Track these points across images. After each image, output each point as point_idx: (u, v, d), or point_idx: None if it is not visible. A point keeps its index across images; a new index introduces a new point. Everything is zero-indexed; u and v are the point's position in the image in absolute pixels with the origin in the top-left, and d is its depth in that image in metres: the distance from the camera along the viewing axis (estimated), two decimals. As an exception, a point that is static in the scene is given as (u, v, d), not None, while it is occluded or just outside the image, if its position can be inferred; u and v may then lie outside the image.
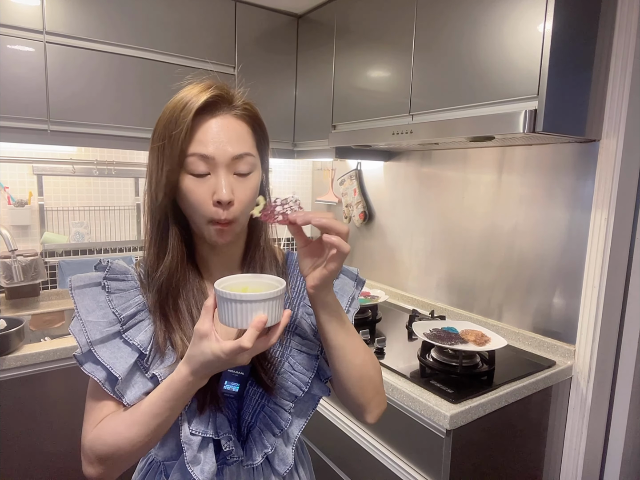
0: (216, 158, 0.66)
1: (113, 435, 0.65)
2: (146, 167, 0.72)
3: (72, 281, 0.69)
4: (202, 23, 1.90)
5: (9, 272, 1.80)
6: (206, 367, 0.61)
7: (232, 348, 0.58)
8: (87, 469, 0.68)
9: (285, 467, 0.75)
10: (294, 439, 0.76)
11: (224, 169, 0.67)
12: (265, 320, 0.59)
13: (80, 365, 0.67)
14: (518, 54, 1.23)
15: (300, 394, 0.73)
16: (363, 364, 0.72)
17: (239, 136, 0.69)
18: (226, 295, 0.59)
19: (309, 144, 2.17)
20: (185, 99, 0.67)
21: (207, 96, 0.66)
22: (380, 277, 2.28)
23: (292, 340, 0.76)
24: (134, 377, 0.67)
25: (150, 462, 0.79)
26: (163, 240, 0.72)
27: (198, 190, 0.67)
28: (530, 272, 1.61)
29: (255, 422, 0.72)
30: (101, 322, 0.67)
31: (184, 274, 0.73)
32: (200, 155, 0.66)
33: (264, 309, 0.60)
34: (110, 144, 1.79)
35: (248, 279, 0.67)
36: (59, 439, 1.56)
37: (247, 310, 0.59)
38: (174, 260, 0.71)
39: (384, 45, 1.70)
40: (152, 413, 0.63)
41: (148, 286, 0.72)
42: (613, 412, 1.52)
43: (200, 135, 0.67)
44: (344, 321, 0.71)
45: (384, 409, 0.77)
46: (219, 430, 0.68)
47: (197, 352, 0.60)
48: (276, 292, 0.61)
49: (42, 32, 1.58)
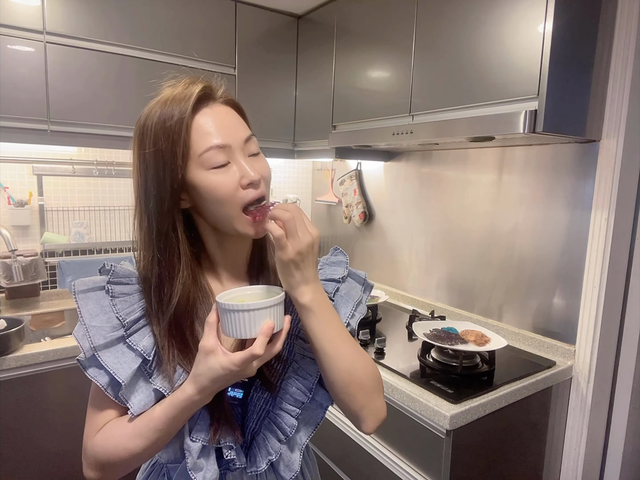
0: (232, 145, 0.66)
1: (114, 444, 0.65)
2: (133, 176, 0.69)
3: (76, 285, 0.68)
4: (202, 23, 1.90)
5: (9, 272, 1.80)
6: (215, 383, 0.61)
7: (243, 358, 0.58)
8: (87, 472, 0.68)
9: (291, 473, 0.72)
10: (301, 445, 0.73)
11: (241, 153, 0.67)
12: (273, 326, 0.60)
13: (84, 370, 0.66)
14: (518, 55, 1.23)
15: (306, 399, 0.71)
16: (350, 370, 0.67)
17: (238, 120, 0.70)
18: (231, 307, 0.59)
19: (309, 144, 2.17)
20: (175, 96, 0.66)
21: (199, 88, 0.66)
22: (380, 277, 2.28)
23: (294, 344, 0.74)
24: (137, 382, 0.66)
25: (153, 464, 0.79)
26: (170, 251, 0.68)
27: (224, 181, 0.65)
28: (530, 272, 1.61)
29: (260, 428, 0.71)
30: (105, 327, 0.66)
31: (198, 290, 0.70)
32: (217, 146, 0.65)
33: (269, 315, 0.60)
34: (110, 144, 1.80)
35: (242, 292, 0.67)
36: (59, 439, 1.56)
37: (254, 319, 0.60)
38: (188, 278, 0.68)
39: (384, 46, 1.70)
40: (155, 428, 0.63)
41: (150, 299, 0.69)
42: (613, 412, 1.52)
43: (206, 127, 0.66)
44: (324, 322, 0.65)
45: (382, 418, 0.71)
46: (221, 439, 0.67)
47: (204, 370, 0.60)
48: (278, 298, 0.61)
49: (42, 32, 1.58)
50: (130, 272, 0.72)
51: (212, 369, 0.59)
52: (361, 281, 0.82)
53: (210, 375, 0.60)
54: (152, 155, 0.66)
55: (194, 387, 0.61)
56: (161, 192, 0.66)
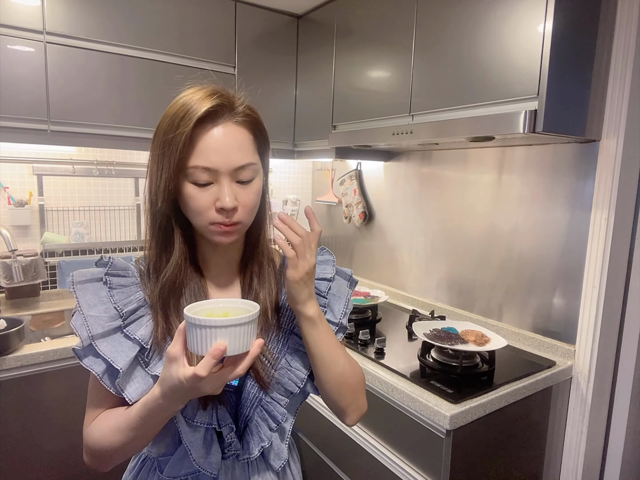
0: (219, 169, 0.67)
1: (100, 436, 0.68)
2: (147, 170, 0.72)
3: (74, 276, 0.70)
4: (202, 23, 1.90)
5: (9, 272, 1.80)
6: (175, 392, 0.59)
7: (189, 375, 0.56)
8: (85, 457, 0.72)
9: (280, 461, 0.77)
10: (287, 433, 0.78)
11: (227, 178, 0.68)
12: (223, 349, 0.55)
13: (80, 360, 0.67)
14: (518, 54, 1.23)
15: (296, 390, 0.75)
16: (342, 373, 0.75)
17: (241, 145, 0.69)
18: (189, 319, 0.56)
19: (309, 144, 2.17)
20: (186, 106, 0.66)
21: (209, 105, 0.66)
22: (380, 277, 2.28)
23: (289, 338, 0.78)
24: (134, 371, 0.68)
25: (143, 460, 0.80)
26: (166, 241, 0.73)
27: (200, 197, 0.68)
28: (530, 272, 1.61)
29: (253, 415, 0.73)
30: (103, 317, 0.68)
31: (186, 273, 0.74)
32: (203, 167, 0.66)
33: (226, 336, 0.56)
34: (110, 144, 1.79)
35: (222, 304, 0.65)
36: (59, 439, 1.56)
37: (208, 336, 0.55)
38: (178, 260, 0.72)
39: (384, 46, 1.70)
40: (130, 426, 0.65)
41: (148, 283, 0.73)
42: (613, 412, 1.52)
43: (201, 145, 0.66)
44: (323, 331, 0.73)
45: (364, 412, 0.80)
46: (221, 422, 0.70)
47: (167, 375, 0.60)
48: (241, 319, 0.56)
49: (42, 32, 1.58)
50: (126, 265, 0.75)
51: (172, 376, 0.58)
52: (347, 277, 0.87)
53: (170, 383, 0.59)
54: (155, 157, 0.70)
55: (159, 391, 0.62)
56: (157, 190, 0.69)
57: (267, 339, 0.76)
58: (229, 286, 0.80)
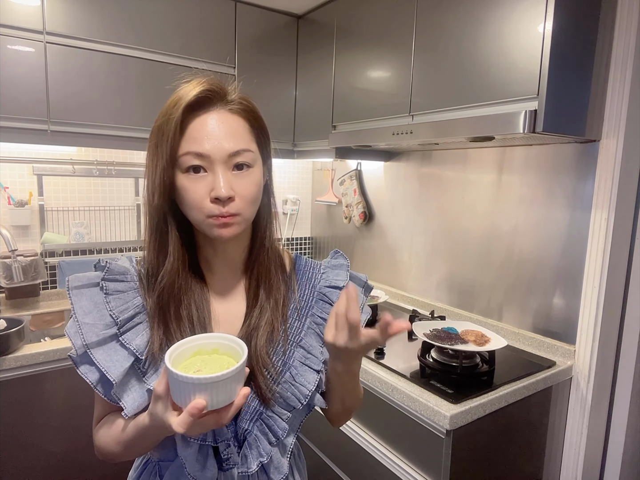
0: (212, 155, 0.65)
1: (104, 444, 0.70)
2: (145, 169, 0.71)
3: (70, 281, 0.68)
4: (202, 23, 1.90)
5: (9, 272, 1.80)
6: (161, 427, 0.58)
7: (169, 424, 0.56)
8: (95, 451, 0.74)
9: (280, 475, 0.73)
10: (289, 448, 0.74)
11: (222, 166, 0.66)
12: (201, 407, 0.53)
13: (76, 367, 0.67)
14: (518, 54, 1.23)
15: (299, 405, 0.71)
16: (351, 405, 0.80)
17: (234, 132, 0.67)
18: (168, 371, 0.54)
19: (309, 144, 2.17)
20: (178, 94, 0.66)
21: (197, 91, 0.65)
22: (380, 277, 2.28)
23: (295, 351, 0.74)
24: (130, 381, 0.66)
25: (146, 462, 0.79)
26: (162, 242, 0.70)
27: (194, 187, 0.65)
28: (530, 272, 1.61)
29: (252, 429, 0.70)
30: (98, 325, 0.66)
31: (186, 280, 0.71)
32: (194, 153, 0.65)
33: (207, 391, 0.53)
34: (110, 144, 1.79)
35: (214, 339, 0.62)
36: (59, 439, 1.56)
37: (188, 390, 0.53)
38: (175, 264, 0.69)
39: (384, 46, 1.70)
40: (127, 442, 0.66)
41: (147, 288, 0.71)
42: (613, 412, 1.52)
43: (193, 132, 0.65)
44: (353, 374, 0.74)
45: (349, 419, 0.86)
46: (217, 437, 0.67)
47: (154, 411, 0.59)
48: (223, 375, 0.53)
49: (42, 32, 1.58)
50: (125, 269, 0.72)
51: (157, 415, 0.58)
52: (362, 284, 0.83)
53: (156, 418, 0.59)
54: (150, 149, 0.68)
55: (148, 420, 0.61)
56: (153, 185, 0.68)
57: (272, 350, 0.72)
58: (233, 293, 0.76)
